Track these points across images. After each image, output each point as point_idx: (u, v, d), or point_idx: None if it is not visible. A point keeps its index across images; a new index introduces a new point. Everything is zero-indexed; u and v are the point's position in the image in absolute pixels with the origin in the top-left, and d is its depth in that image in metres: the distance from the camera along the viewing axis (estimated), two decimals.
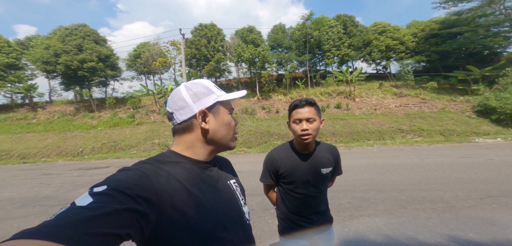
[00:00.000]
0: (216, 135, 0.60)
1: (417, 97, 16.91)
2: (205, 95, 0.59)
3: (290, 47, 20.13)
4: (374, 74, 23.45)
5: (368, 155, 7.95)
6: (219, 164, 0.68)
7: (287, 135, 12.42)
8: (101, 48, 15.48)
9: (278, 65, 20.93)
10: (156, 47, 18.02)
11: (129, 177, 0.44)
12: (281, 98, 17.64)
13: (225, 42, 17.66)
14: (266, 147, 10.95)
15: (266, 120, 14.44)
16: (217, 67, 16.45)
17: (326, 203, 1.25)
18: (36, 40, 17.55)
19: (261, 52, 16.27)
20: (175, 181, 0.50)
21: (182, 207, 0.48)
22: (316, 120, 1.05)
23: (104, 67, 15.45)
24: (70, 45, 14.37)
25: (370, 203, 3.71)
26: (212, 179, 0.60)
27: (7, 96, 17.53)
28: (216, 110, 0.60)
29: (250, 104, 16.17)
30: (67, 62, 13.97)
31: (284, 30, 21.21)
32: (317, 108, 1.08)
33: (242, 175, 5.78)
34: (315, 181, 1.14)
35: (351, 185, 4.68)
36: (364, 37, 21.70)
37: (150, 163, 0.51)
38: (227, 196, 0.61)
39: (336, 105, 16.16)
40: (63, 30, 15.16)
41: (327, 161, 1.15)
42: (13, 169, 9.19)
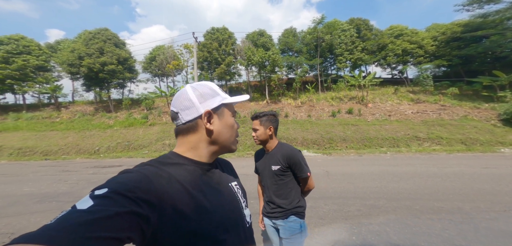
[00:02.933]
0: (220, 136, 0.60)
1: (436, 103, 15.98)
2: (211, 96, 0.60)
3: (301, 51, 20.01)
4: (389, 79, 22.57)
5: (381, 162, 7.60)
6: (220, 166, 0.68)
7: (296, 139, 12.26)
8: (120, 51, 16.43)
9: (288, 69, 20.83)
10: (170, 50, 18.78)
11: (130, 179, 0.44)
12: (291, 102, 17.49)
13: (236, 45, 17.96)
14: None
15: None
16: (228, 70, 16.72)
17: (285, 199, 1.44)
18: (63, 43, 19.04)
19: (271, 55, 16.31)
20: (176, 183, 0.50)
21: (184, 209, 0.48)
22: (259, 129, 1.44)
23: (123, 70, 16.34)
24: (92, 48, 15.42)
25: (380, 211, 3.53)
26: (214, 181, 0.59)
27: (35, 96, 19.09)
28: (221, 112, 0.61)
29: (259, 108, 16.19)
30: (89, 64, 14.96)
31: (295, 33, 21.16)
32: (263, 120, 1.44)
33: (248, 178, 5.75)
34: (269, 174, 1.47)
35: (361, 192, 4.48)
36: (378, 40, 21.05)
37: (152, 165, 0.51)
38: (229, 198, 0.61)
39: (347, 110, 15.71)
40: (87, 34, 16.33)
41: (277, 160, 1.44)
42: (35, 165, 9.88)
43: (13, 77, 16.03)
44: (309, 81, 19.84)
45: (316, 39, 19.69)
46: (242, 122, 13.96)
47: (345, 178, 5.58)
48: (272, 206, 1.46)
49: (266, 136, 1.44)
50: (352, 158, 8.70)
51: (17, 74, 16.09)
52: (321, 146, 11.73)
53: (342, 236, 2.80)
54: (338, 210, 3.60)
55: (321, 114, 15.74)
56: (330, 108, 16.39)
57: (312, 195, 4.38)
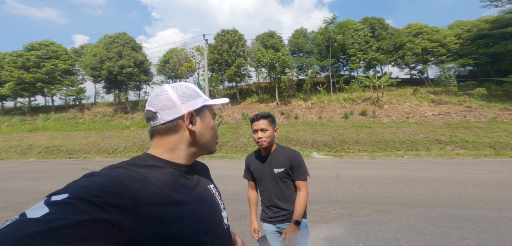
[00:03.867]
0: (201, 138, 0.60)
1: (461, 104, 14.82)
2: (193, 97, 0.59)
3: (312, 51, 19.69)
4: (407, 79, 21.38)
5: (396, 166, 7.19)
6: (197, 168, 0.67)
7: (306, 141, 12.02)
8: (137, 54, 17.37)
9: (298, 70, 20.56)
10: (182, 53, 19.46)
11: (96, 183, 0.40)
12: (301, 103, 17.22)
13: (246, 47, 18.10)
14: None
15: (284, 125, 14.21)
16: (238, 72, 16.89)
17: (288, 202, 1.40)
18: (87, 48, 20.53)
19: (281, 56, 16.23)
20: (153, 185, 0.47)
21: (162, 213, 0.45)
22: (268, 130, 1.36)
23: (139, 72, 17.23)
24: (112, 52, 16.45)
25: (392, 218, 3.33)
26: (193, 184, 0.58)
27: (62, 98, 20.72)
28: (203, 114, 0.61)
29: (269, 109, 16.14)
30: (109, 67, 15.97)
31: (305, 34, 20.89)
32: (271, 120, 1.39)
33: None
34: (270, 178, 1.41)
35: (371, 197, 4.27)
36: (395, 40, 20.07)
37: (123, 167, 0.48)
38: (208, 201, 0.60)
39: (361, 112, 15.12)
40: (107, 38, 17.46)
41: (280, 163, 1.39)
42: (59, 163, 10.68)
43: (43, 80, 17.53)
44: (320, 82, 19.42)
45: (327, 40, 19.27)
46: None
47: (356, 181, 5.35)
48: (275, 211, 1.41)
49: (273, 138, 1.39)
50: (365, 162, 8.33)
51: (46, 77, 17.58)
52: (332, 148, 11.39)
53: (348, 243, 2.68)
54: (346, 215, 3.46)
55: (333, 115, 15.31)
56: (342, 110, 15.89)
57: (319, 199, 4.26)
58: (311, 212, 3.63)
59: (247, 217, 3.45)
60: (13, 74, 16.65)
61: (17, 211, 4.04)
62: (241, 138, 12.76)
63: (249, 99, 18.19)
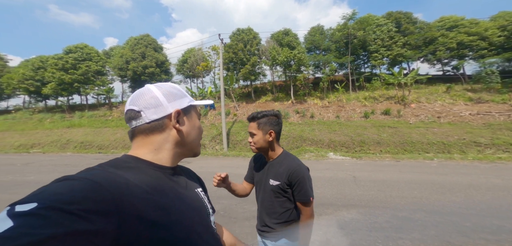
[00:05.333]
0: (188, 138, 0.58)
1: (505, 103, 12.98)
2: (179, 97, 0.58)
3: (329, 49, 18.89)
4: (439, 76, 19.39)
5: (424, 170, 6.54)
6: (183, 171, 0.65)
7: (322, 141, 11.58)
8: (158, 55, 18.44)
9: (315, 67, 19.91)
10: (199, 53, 20.12)
11: (72, 188, 0.35)
12: (317, 102, 16.64)
13: (261, 45, 18.05)
14: (298, 152, 10.46)
15: (299, 124, 13.87)
16: (253, 71, 16.91)
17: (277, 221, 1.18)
18: (115, 49, 22.33)
19: (297, 54, 15.87)
20: (137, 188, 0.44)
21: (151, 217, 0.42)
22: (257, 134, 1.17)
23: (160, 72, 18.26)
24: (136, 53, 17.69)
25: (416, 225, 3.02)
26: (180, 186, 0.56)
27: (94, 97, 22.82)
28: (189, 113, 0.60)
29: (284, 108, 15.89)
30: (134, 68, 17.19)
31: (322, 31, 20.12)
32: (261, 122, 1.17)
33: None
34: (264, 188, 1.22)
35: (393, 202, 3.93)
36: (425, 34, 18.32)
37: (102, 170, 0.44)
38: (197, 204, 0.58)
39: (383, 111, 14.10)
40: (132, 40, 18.82)
41: (278, 175, 1.16)
42: (90, 157, 11.72)
43: (79, 80, 19.51)
44: (338, 80, 18.55)
45: (346, 36, 18.33)
46: None
47: (376, 185, 4.98)
48: (261, 223, 1.24)
49: (265, 143, 1.17)
50: (387, 164, 7.73)
51: (82, 78, 19.53)
52: (350, 149, 10.80)
53: None
54: (362, 221, 3.22)
55: (352, 115, 14.52)
56: (362, 109, 14.98)
57: (333, 201, 4.05)
58: (324, 215, 3.45)
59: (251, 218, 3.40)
60: (54, 75, 18.80)
61: None
62: None
63: (263, 98, 18.12)
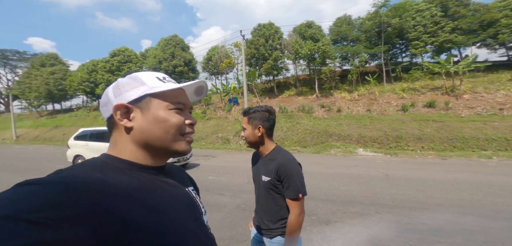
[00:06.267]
0: (147, 135, 0.48)
1: None
2: (131, 87, 0.49)
3: (358, 39, 17.32)
4: (502, 62, 15.98)
5: (479, 169, 5.49)
6: (173, 171, 0.60)
7: (350, 136, 10.75)
8: (186, 54, 19.60)
9: (342, 59, 18.51)
10: (222, 50, 20.64)
11: (35, 193, 0.31)
12: (345, 95, 15.46)
13: (283, 40, 17.57)
14: (323, 147, 9.93)
15: (325, 119, 13.13)
16: (275, 65, 16.59)
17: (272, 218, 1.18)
18: (150, 51, 24.52)
19: (321, 47, 14.99)
20: (117, 189, 0.40)
21: (134, 220, 0.39)
22: (247, 129, 1.18)
23: (187, 70, 19.41)
24: (167, 53, 19.11)
25: (460, 229, 2.57)
26: (169, 185, 0.52)
27: None
28: (145, 104, 0.48)
29: (308, 102, 15.23)
30: (165, 67, 18.64)
31: (349, 21, 18.51)
32: (251, 117, 1.18)
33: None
34: (259, 184, 1.22)
35: (433, 203, 3.40)
36: (481, 17, 15.31)
37: (75, 171, 0.40)
38: (188, 203, 0.54)
39: (426, 103, 12.33)
40: (163, 41, 20.37)
41: (269, 171, 1.16)
42: None
43: None
44: (369, 72, 16.90)
45: (378, 25, 16.55)
46: (289, 117, 13.57)
47: (413, 184, 4.37)
48: (260, 221, 1.24)
49: (254, 137, 1.17)
50: (430, 162, 6.73)
51: None
52: (383, 144, 9.76)
53: None
54: (393, 221, 2.87)
55: (386, 108, 13.08)
56: (399, 101, 13.36)
57: (361, 200, 3.70)
58: (348, 213, 3.18)
59: None
60: (103, 77, 21.71)
61: None
62: (278, 132, 12.57)
63: (286, 92, 17.67)
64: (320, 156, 8.46)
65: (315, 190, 4.28)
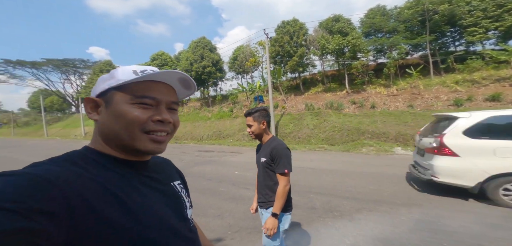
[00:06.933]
0: (108, 129, 0.47)
1: None
2: (103, 81, 0.48)
3: (396, 30, 15.57)
4: None
5: None
6: (159, 164, 0.60)
7: (386, 134, 9.84)
8: (213, 55, 20.71)
9: (377, 52, 16.88)
10: (247, 49, 21.09)
11: (11, 184, 0.32)
12: (381, 90, 14.09)
13: (308, 35, 16.97)
14: (354, 146, 9.34)
15: (356, 116, 12.27)
16: (300, 62, 16.17)
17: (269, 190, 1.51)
18: (182, 54, 26.70)
19: (351, 40, 14.00)
20: (96, 184, 0.39)
21: (112, 216, 0.38)
22: (253, 125, 1.52)
23: (215, 71, 20.53)
24: (197, 55, 20.53)
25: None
26: (152, 180, 0.51)
27: None
28: (109, 98, 0.46)
29: (337, 99, 14.42)
30: (196, 69, 20.09)
31: (384, 12, 16.72)
32: (256, 115, 1.52)
33: (314, 172, 5.51)
34: (259, 165, 1.60)
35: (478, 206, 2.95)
36: None
37: (52, 163, 0.39)
38: (172, 198, 0.54)
39: (489, 96, 10.42)
40: (193, 43, 21.92)
41: (266, 153, 1.51)
42: (170, 146, 14.47)
43: None
44: (410, 64, 14.99)
45: (421, 13, 14.57)
46: (316, 114, 13.13)
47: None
48: (259, 196, 1.59)
49: (260, 130, 1.53)
50: None
51: None
52: None
53: None
54: (426, 221, 2.64)
55: (434, 103, 11.48)
56: (452, 95, 11.56)
57: (390, 200, 3.48)
58: (375, 212, 3.05)
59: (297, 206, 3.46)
60: None
61: None
62: (304, 129, 12.31)
63: (313, 89, 17.04)
64: (350, 154, 8.02)
65: (340, 188, 4.18)
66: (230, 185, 4.62)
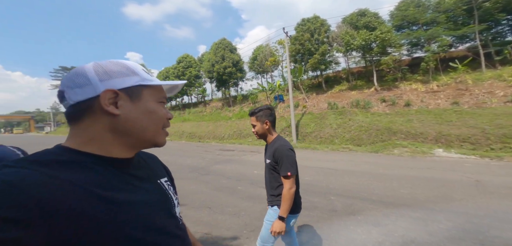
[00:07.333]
0: (133, 124, 0.47)
1: None
2: (122, 75, 0.46)
3: (435, 21, 13.84)
4: None
5: None
6: (144, 160, 0.58)
7: (425, 134, 8.83)
8: (234, 56, 21.11)
9: (412, 46, 15.23)
10: (267, 48, 20.95)
11: None
12: (418, 87, 12.63)
13: (331, 32, 16.14)
14: (383, 146, 8.54)
15: (387, 115, 11.22)
16: (322, 60, 15.46)
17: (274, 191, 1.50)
18: (205, 55, 27.90)
19: (379, 35, 12.89)
20: (74, 187, 0.37)
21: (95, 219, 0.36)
22: (256, 125, 1.52)
23: (236, 71, 20.92)
24: (218, 56, 21.19)
25: None
26: (137, 179, 0.49)
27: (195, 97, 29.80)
28: (136, 94, 0.48)
29: (364, 97, 13.39)
30: (218, 70, 20.75)
31: (419, 3, 14.95)
32: (259, 115, 1.51)
33: (336, 173, 5.26)
34: (265, 166, 1.58)
35: None
36: None
37: (21, 166, 0.36)
38: (159, 197, 0.52)
39: None
40: (214, 45, 22.66)
41: (270, 154, 1.49)
42: (193, 145, 15.15)
43: (186, 85, 26.18)
44: (455, 57, 13.11)
45: (467, 1, 12.63)
46: (340, 113, 12.40)
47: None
48: (267, 195, 1.58)
49: (263, 130, 1.51)
50: None
51: (187, 82, 26.11)
52: (479, 145, 7.45)
53: None
54: (472, 231, 2.25)
55: (486, 99, 9.88)
56: (509, 90, 9.80)
57: (426, 205, 3.09)
58: (406, 217, 2.73)
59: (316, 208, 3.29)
60: None
61: None
62: (327, 129, 11.73)
63: (337, 87, 16.10)
64: (379, 155, 7.38)
65: (365, 190, 3.86)
66: (248, 184, 4.63)
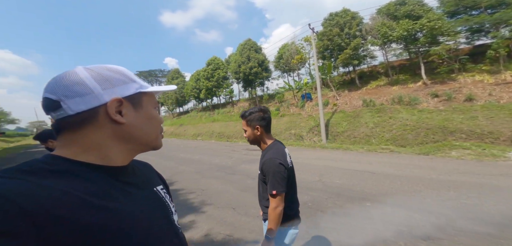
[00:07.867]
0: (139, 131, 0.49)
1: None
2: (122, 82, 0.47)
3: (504, 2, 11.35)
4: None
5: None
6: (139, 167, 0.57)
7: (493, 134, 7.44)
8: (259, 56, 21.15)
9: (471, 33, 12.81)
10: (293, 46, 20.28)
11: None
12: (483, 78, 10.53)
13: (364, 25, 14.67)
14: (437, 148, 7.31)
15: (439, 111, 9.66)
16: (355, 54, 14.14)
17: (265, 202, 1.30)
18: (231, 57, 28.55)
19: (427, 23, 11.21)
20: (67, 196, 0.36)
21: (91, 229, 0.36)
22: (247, 130, 1.32)
23: (261, 71, 20.92)
24: (244, 57, 21.50)
25: None
26: (133, 187, 0.49)
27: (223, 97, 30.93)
28: (138, 102, 0.49)
29: (409, 92, 11.79)
30: (244, 70, 21.09)
31: None
32: (249, 119, 1.30)
33: (374, 177, 4.77)
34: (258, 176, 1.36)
35: None
36: None
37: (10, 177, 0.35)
38: (156, 204, 0.52)
39: None
40: (240, 46, 23.02)
41: (260, 165, 1.30)
42: (222, 144, 15.68)
43: (215, 86, 27.39)
44: None
45: None
46: (378, 111, 11.20)
47: None
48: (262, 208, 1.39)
49: (254, 136, 1.31)
50: None
51: (216, 83, 27.29)
52: None
53: None
54: None
55: None
56: None
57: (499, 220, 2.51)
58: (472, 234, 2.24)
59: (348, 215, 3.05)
60: (204, 84, 27.82)
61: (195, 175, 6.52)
62: (362, 128, 10.73)
63: (373, 83, 14.57)
64: (430, 158, 6.38)
65: (410, 198, 3.37)
66: None
